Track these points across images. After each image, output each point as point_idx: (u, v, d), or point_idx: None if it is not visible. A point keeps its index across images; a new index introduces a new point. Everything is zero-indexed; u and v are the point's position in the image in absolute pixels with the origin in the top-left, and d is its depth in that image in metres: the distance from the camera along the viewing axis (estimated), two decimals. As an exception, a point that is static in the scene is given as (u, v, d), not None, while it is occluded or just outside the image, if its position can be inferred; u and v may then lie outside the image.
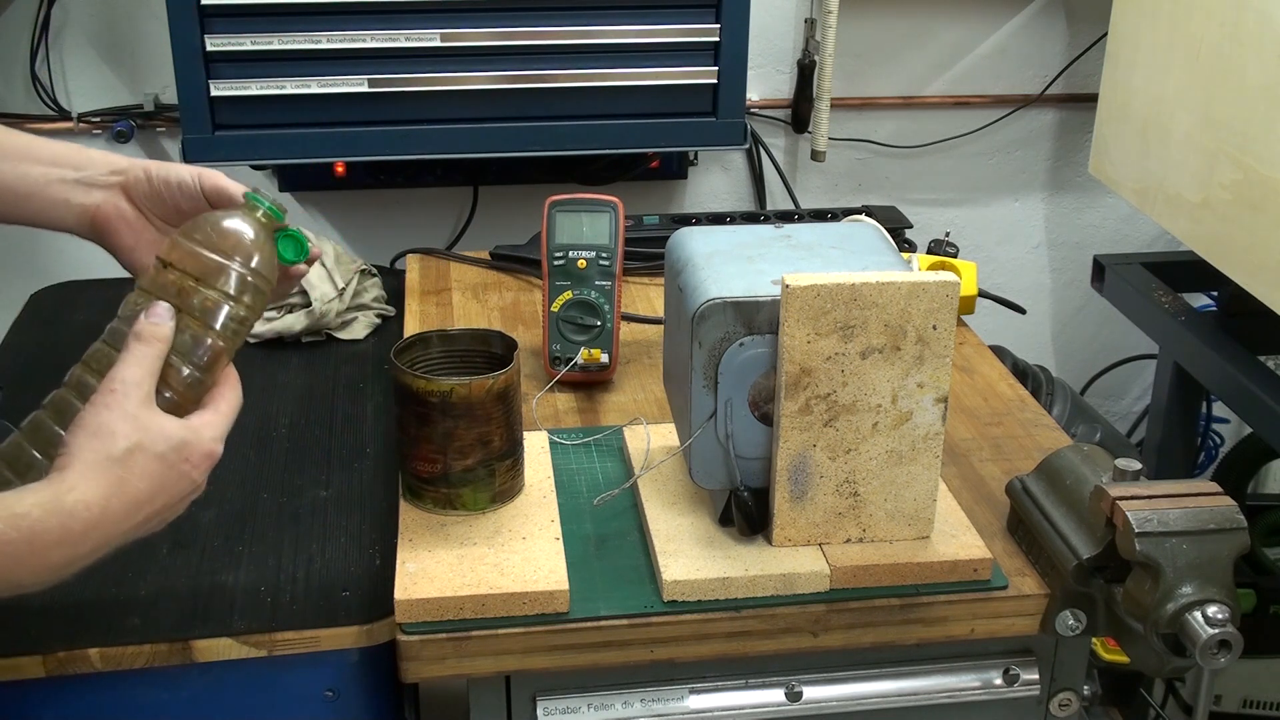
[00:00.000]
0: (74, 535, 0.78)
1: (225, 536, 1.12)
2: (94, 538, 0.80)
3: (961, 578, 1.03)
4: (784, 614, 1.01)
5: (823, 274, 0.96)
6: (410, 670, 0.99)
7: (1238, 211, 1.48)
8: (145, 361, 0.85)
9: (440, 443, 1.06)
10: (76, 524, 0.78)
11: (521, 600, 0.99)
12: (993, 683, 1.09)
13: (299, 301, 1.48)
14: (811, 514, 1.03)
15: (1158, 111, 1.66)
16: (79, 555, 0.80)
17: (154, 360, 0.85)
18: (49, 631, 1.00)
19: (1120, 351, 2.25)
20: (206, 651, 1.00)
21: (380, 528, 1.14)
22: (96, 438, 0.81)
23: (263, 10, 1.62)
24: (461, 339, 1.14)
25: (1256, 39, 1.43)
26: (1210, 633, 0.91)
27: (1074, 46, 2.04)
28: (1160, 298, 1.77)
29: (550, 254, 1.32)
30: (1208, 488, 0.98)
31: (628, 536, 1.09)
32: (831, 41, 1.89)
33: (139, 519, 0.82)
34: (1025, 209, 2.16)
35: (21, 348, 1.47)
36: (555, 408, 1.31)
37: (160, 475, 0.83)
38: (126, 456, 0.81)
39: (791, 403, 0.98)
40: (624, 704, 1.05)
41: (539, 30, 1.67)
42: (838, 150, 2.03)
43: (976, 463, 1.23)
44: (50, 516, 0.78)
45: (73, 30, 1.83)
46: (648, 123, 1.75)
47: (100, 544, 0.81)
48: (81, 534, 0.79)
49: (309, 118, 1.68)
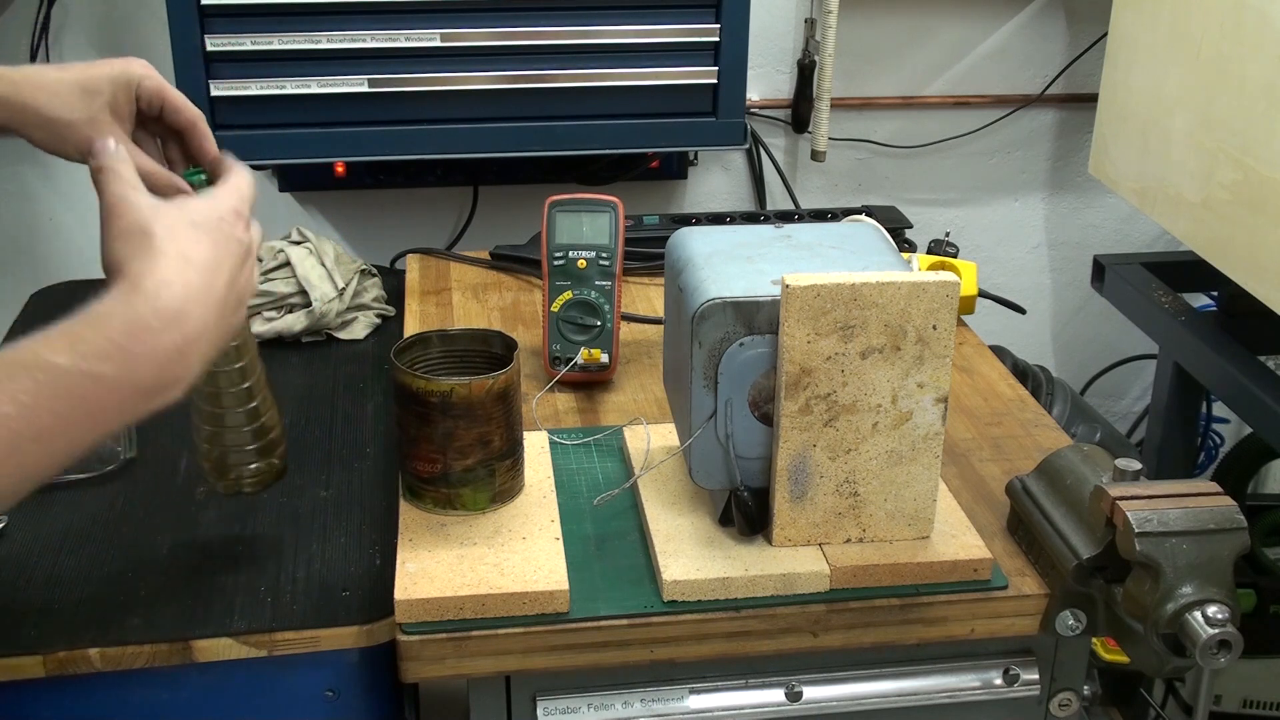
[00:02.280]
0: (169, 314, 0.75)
1: (225, 537, 1.12)
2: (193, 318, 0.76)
3: (961, 578, 1.03)
4: (784, 614, 1.01)
5: (823, 274, 0.96)
6: (410, 670, 0.99)
7: (1238, 211, 1.48)
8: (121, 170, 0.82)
9: (440, 443, 1.06)
10: (164, 302, 0.75)
11: (521, 600, 0.99)
12: (993, 683, 1.09)
13: (299, 302, 1.48)
14: (811, 514, 1.03)
15: (1158, 111, 1.66)
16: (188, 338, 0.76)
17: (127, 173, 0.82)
18: (49, 631, 1.00)
19: (1120, 351, 2.25)
20: (206, 651, 1.00)
21: (380, 528, 1.14)
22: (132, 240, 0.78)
23: (263, 10, 1.62)
24: (461, 339, 1.14)
25: (1256, 39, 1.43)
26: (1210, 633, 0.91)
27: (1074, 46, 2.04)
28: (1160, 298, 1.77)
29: (550, 254, 1.32)
30: (1208, 488, 0.98)
31: (628, 536, 1.09)
32: (831, 41, 1.89)
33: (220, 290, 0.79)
34: (1025, 209, 2.16)
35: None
36: (555, 408, 1.31)
37: (210, 240, 0.80)
38: (169, 237, 0.78)
39: (791, 403, 0.98)
40: (624, 704, 1.05)
41: (539, 30, 1.67)
42: (838, 150, 2.03)
43: (976, 463, 1.23)
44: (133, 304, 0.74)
45: (73, 30, 1.83)
46: (648, 123, 1.75)
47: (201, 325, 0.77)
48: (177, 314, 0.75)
49: (309, 118, 1.68)
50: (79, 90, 0.97)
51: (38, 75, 0.98)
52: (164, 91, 0.99)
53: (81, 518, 1.14)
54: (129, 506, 1.16)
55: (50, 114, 0.97)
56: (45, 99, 0.97)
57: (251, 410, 1.02)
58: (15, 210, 1.90)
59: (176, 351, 0.75)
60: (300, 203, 1.97)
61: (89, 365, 0.72)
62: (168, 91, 1.00)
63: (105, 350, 0.72)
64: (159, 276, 0.76)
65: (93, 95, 0.97)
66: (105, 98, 0.97)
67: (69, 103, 0.97)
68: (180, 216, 0.80)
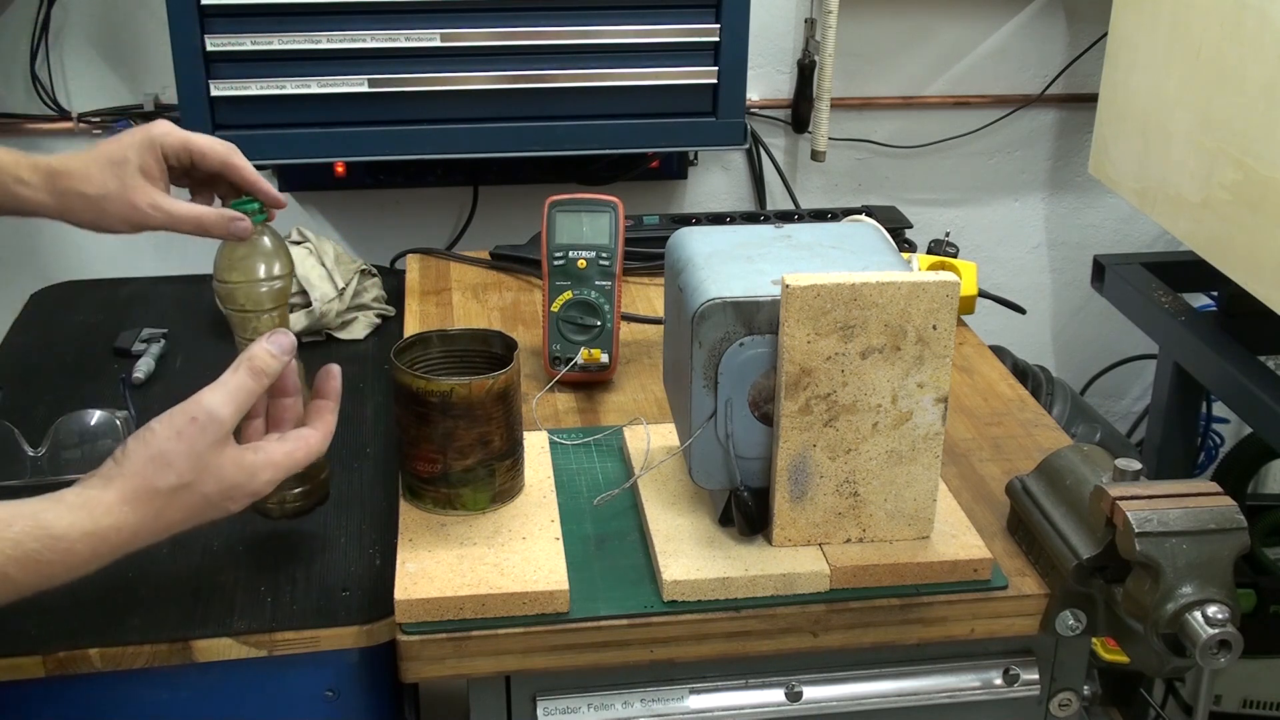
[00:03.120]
0: (102, 554, 0.83)
1: (225, 536, 1.12)
2: (120, 551, 0.84)
3: (961, 578, 1.03)
4: (784, 614, 1.01)
5: (823, 274, 0.96)
6: (410, 670, 0.99)
7: (1238, 211, 1.48)
8: (239, 396, 0.87)
9: (440, 443, 1.06)
10: (106, 546, 0.82)
11: (521, 600, 0.99)
12: (993, 683, 1.09)
13: (299, 301, 1.47)
14: (811, 514, 1.03)
15: (1158, 111, 1.66)
16: (103, 563, 0.84)
17: (249, 396, 0.87)
18: (49, 631, 1.00)
19: (1120, 351, 2.25)
20: (206, 651, 1.00)
21: (380, 528, 1.14)
22: (151, 464, 0.83)
23: (263, 10, 1.62)
24: (461, 339, 1.14)
25: (1256, 39, 1.43)
26: (1210, 633, 0.91)
27: (1074, 46, 2.04)
28: (1160, 298, 1.77)
29: (550, 254, 1.32)
30: (1208, 488, 0.98)
31: (628, 536, 1.09)
32: (831, 41, 1.89)
33: (164, 536, 0.86)
34: (1025, 209, 2.16)
35: (21, 348, 1.47)
36: (555, 408, 1.31)
37: (200, 510, 0.86)
38: (173, 492, 0.84)
39: (791, 403, 0.98)
40: (624, 704, 1.05)
41: (539, 30, 1.67)
42: (838, 150, 2.03)
43: (976, 463, 1.23)
44: (84, 539, 0.81)
45: (73, 30, 1.83)
46: (648, 123, 1.75)
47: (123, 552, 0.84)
48: (109, 552, 0.83)
49: (309, 118, 1.68)
50: (107, 165, 1.01)
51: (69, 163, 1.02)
52: (188, 143, 1.02)
53: (81, 518, 1.14)
54: (129, 506, 1.16)
55: (88, 194, 1.01)
56: (81, 183, 1.01)
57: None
58: (15, 210, 1.89)
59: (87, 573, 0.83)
60: (300, 203, 1.97)
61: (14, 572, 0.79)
62: (191, 142, 1.02)
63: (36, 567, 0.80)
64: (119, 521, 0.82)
65: (121, 165, 1.00)
66: (134, 164, 1.00)
67: (101, 179, 1.00)
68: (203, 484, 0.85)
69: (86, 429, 1.22)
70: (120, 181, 0.99)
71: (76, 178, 1.01)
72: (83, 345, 1.47)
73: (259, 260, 1.00)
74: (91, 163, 1.01)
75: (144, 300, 1.60)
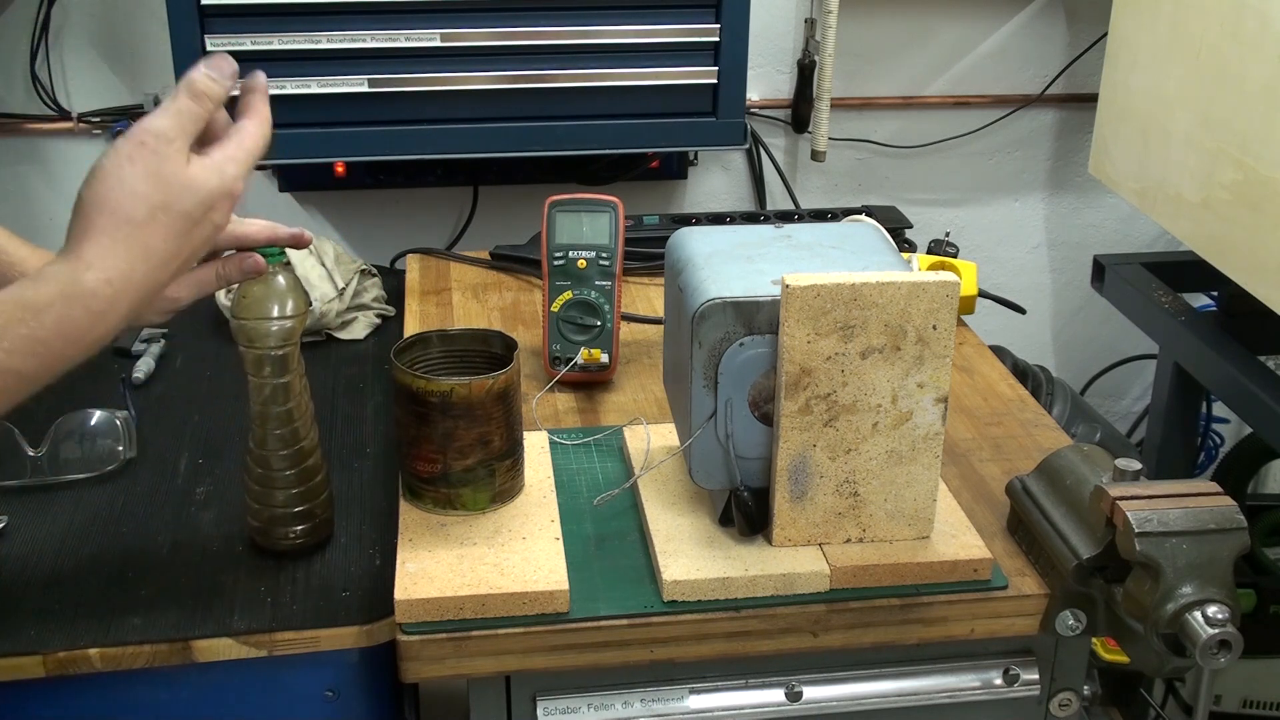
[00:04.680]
0: (101, 314, 0.76)
1: (225, 536, 1.12)
2: (123, 305, 0.78)
3: (961, 578, 1.03)
4: (784, 614, 1.01)
5: (823, 274, 0.96)
6: (410, 670, 0.99)
7: (1238, 211, 1.48)
8: (181, 117, 0.81)
9: (440, 443, 1.06)
10: (100, 302, 0.76)
11: (521, 600, 0.99)
12: (993, 683, 1.09)
13: (299, 301, 1.47)
14: (811, 514, 1.03)
15: (1158, 111, 1.66)
16: (113, 326, 0.78)
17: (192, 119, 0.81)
18: (49, 631, 1.00)
19: (1120, 351, 2.25)
20: (206, 651, 1.00)
21: (380, 528, 1.14)
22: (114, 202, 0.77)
23: (263, 10, 1.62)
24: (461, 339, 1.14)
25: (1256, 39, 1.43)
26: (1210, 633, 0.91)
27: (1074, 46, 2.04)
28: (1160, 298, 1.77)
29: (550, 254, 1.32)
30: (1208, 488, 0.98)
31: (628, 536, 1.09)
32: (831, 41, 1.89)
33: (164, 276, 0.80)
34: (1025, 209, 2.16)
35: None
36: (555, 408, 1.31)
37: (186, 231, 0.80)
38: (150, 219, 0.77)
39: (791, 403, 0.98)
40: (624, 704, 1.05)
41: (539, 30, 1.67)
42: (838, 150, 2.03)
43: (976, 463, 1.23)
44: (72, 304, 0.75)
45: (73, 30, 1.83)
46: (648, 123, 1.75)
47: (131, 306, 0.79)
48: (108, 308, 0.76)
49: (309, 118, 1.68)
50: None
51: None
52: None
53: (81, 518, 1.14)
54: (129, 506, 1.16)
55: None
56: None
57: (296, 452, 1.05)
58: (15, 210, 1.89)
59: (100, 338, 0.77)
60: (300, 203, 1.97)
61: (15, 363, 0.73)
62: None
63: (31, 349, 0.73)
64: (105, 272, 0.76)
65: None
66: None
67: None
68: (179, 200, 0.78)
69: (86, 429, 1.22)
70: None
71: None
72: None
73: (273, 300, 1.00)
74: None
75: (144, 300, 1.60)
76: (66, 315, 0.75)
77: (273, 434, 1.04)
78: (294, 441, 1.05)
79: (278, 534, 1.08)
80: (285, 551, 1.09)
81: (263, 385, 1.02)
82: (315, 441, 1.07)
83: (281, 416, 1.03)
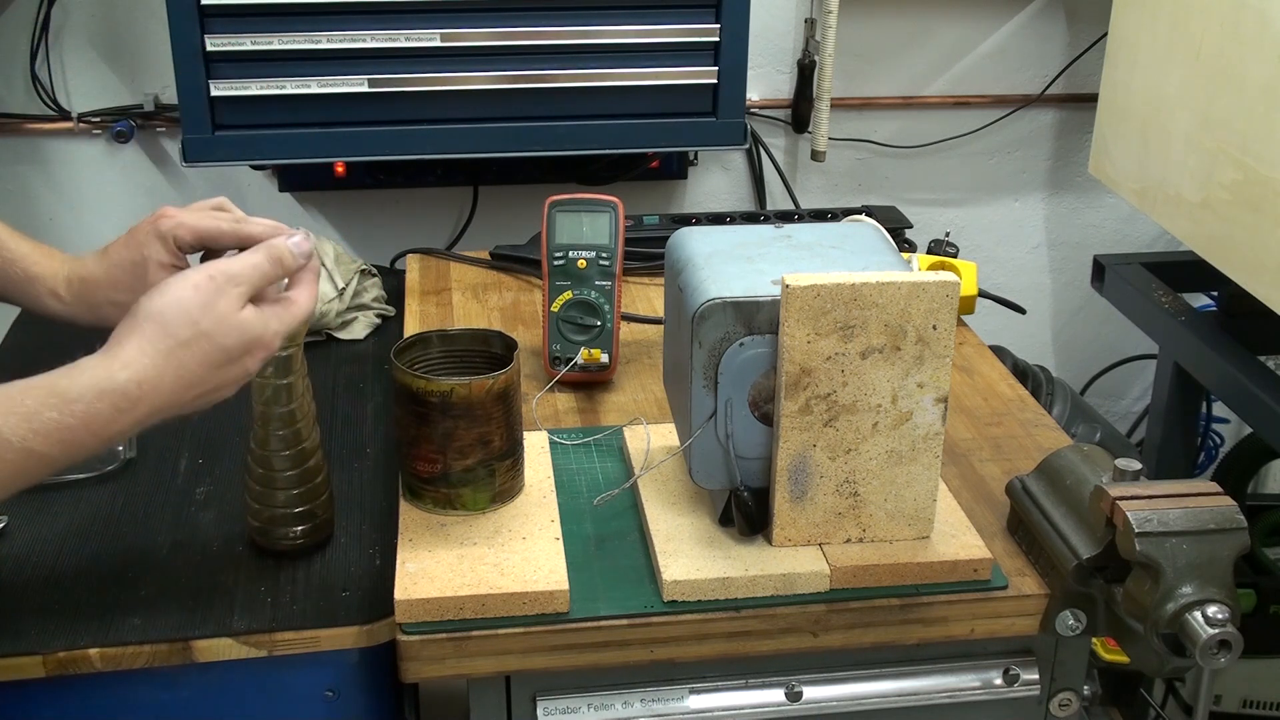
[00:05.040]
0: (124, 411, 0.80)
1: (225, 536, 1.12)
2: (143, 409, 0.82)
3: (961, 578, 1.03)
4: (784, 614, 1.01)
5: (823, 274, 0.96)
6: (410, 670, 0.99)
7: (1238, 211, 1.48)
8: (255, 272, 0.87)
9: (440, 443, 1.06)
10: (127, 401, 0.80)
11: (521, 600, 0.99)
12: (993, 683, 1.09)
13: (299, 301, 1.47)
14: (811, 514, 1.03)
15: (1158, 111, 1.66)
16: (130, 426, 0.82)
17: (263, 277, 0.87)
18: (49, 631, 1.00)
19: (1120, 351, 2.25)
20: (206, 651, 1.00)
21: (380, 528, 1.14)
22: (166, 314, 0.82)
23: (263, 10, 1.62)
24: (461, 339, 1.14)
25: (1256, 39, 1.43)
26: (1210, 633, 0.91)
27: (1074, 46, 2.04)
28: (1160, 298, 1.77)
29: (550, 254, 1.32)
30: (1208, 488, 0.98)
31: (628, 536, 1.09)
32: (831, 41, 1.89)
33: (188, 397, 0.84)
34: (1025, 209, 2.16)
35: (22, 348, 1.47)
36: (555, 408, 1.31)
37: (219, 363, 0.85)
38: (191, 341, 0.82)
39: (791, 403, 0.98)
40: (624, 704, 1.05)
41: (539, 30, 1.67)
42: (838, 150, 2.03)
43: (976, 463, 1.23)
44: (103, 398, 0.80)
45: (73, 30, 1.83)
46: (648, 123, 1.75)
47: (148, 414, 0.83)
48: (131, 408, 0.81)
49: (309, 118, 1.68)
50: (130, 269, 0.99)
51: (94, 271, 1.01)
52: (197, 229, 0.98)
53: (81, 518, 1.14)
54: (129, 506, 1.16)
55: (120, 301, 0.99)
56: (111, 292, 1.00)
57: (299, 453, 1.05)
58: (15, 210, 1.90)
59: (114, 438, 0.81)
60: (300, 203, 1.97)
61: (39, 446, 0.77)
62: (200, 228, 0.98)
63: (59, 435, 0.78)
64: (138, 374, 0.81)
65: (141, 267, 0.99)
66: (154, 263, 0.99)
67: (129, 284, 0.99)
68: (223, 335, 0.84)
69: (86, 429, 1.22)
70: (145, 283, 0.97)
71: (105, 286, 1.00)
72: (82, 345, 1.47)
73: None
74: (114, 268, 1.00)
75: (144, 300, 1.60)
76: (94, 408, 0.79)
77: (275, 435, 1.04)
78: (296, 442, 1.05)
79: (278, 534, 1.08)
80: (285, 551, 1.09)
81: (265, 386, 1.02)
82: (317, 442, 1.07)
83: (284, 417, 1.03)
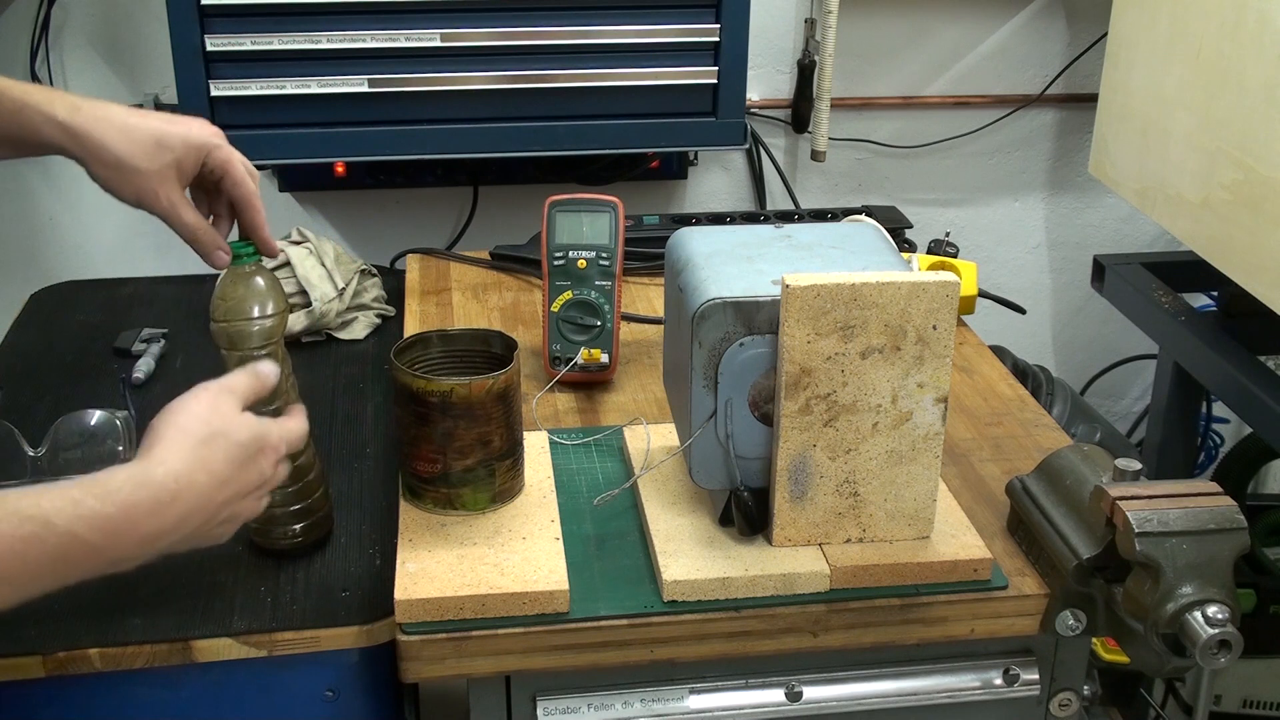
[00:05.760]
0: (163, 505, 0.83)
1: (225, 536, 1.12)
2: (179, 508, 0.84)
3: (961, 578, 1.03)
4: (784, 614, 1.01)
5: (823, 274, 0.96)
6: (410, 670, 0.99)
7: (1238, 211, 1.48)
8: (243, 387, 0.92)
9: (440, 443, 1.06)
10: (165, 495, 0.83)
11: (521, 600, 0.99)
12: (993, 683, 1.09)
13: (299, 302, 1.48)
14: (811, 514, 1.03)
15: (1158, 111, 1.66)
16: (166, 527, 0.84)
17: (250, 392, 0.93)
18: (49, 631, 1.00)
19: (1120, 351, 2.25)
20: (206, 651, 1.00)
21: (380, 528, 1.14)
22: (182, 421, 0.86)
23: (263, 10, 1.62)
24: (461, 339, 1.14)
25: (1256, 39, 1.43)
26: (1210, 633, 0.91)
27: (1074, 46, 2.04)
28: (1160, 298, 1.77)
29: (550, 254, 1.32)
30: (1208, 488, 0.98)
31: (628, 536, 1.09)
32: (831, 41, 1.89)
33: (219, 499, 0.87)
34: (1025, 209, 2.16)
35: (21, 348, 1.47)
36: (555, 408, 1.31)
37: (239, 460, 0.88)
38: (210, 439, 0.86)
39: (791, 403, 0.98)
40: (624, 704, 1.05)
41: (539, 30, 1.67)
42: (838, 150, 2.03)
43: (976, 463, 1.23)
44: (141, 489, 0.82)
45: (73, 30, 1.83)
46: (648, 123, 1.75)
47: (185, 515, 0.85)
48: (169, 503, 0.83)
49: (309, 118, 1.68)
50: (154, 142, 1.00)
51: (114, 116, 1.01)
52: (229, 164, 1.02)
53: (81, 518, 1.14)
54: (129, 506, 1.16)
55: (122, 157, 1.00)
56: (120, 142, 1.00)
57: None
58: (15, 210, 1.90)
59: (155, 536, 0.83)
60: (300, 203, 1.97)
61: (82, 530, 0.79)
62: (232, 165, 1.02)
63: (101, 524, 0.79)
64: (172, 468, 0.84)
65: (165, 150, 1.00)
66: (176, 154, 1.00)
67: (144, 151, 1.00)
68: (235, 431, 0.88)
69: (86, 429, 1.22)
70: (157, 165, 0.99)
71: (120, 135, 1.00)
72: (83, 345, 1.47)
73: (253, 301, 1.01)
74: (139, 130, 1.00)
75: (144, 300, 1.60)
76: (134, 497, 0.81)
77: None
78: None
79: (276, 533, 1.08)
80: (284, 550, 1.09)
81: None
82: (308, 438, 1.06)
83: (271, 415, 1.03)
